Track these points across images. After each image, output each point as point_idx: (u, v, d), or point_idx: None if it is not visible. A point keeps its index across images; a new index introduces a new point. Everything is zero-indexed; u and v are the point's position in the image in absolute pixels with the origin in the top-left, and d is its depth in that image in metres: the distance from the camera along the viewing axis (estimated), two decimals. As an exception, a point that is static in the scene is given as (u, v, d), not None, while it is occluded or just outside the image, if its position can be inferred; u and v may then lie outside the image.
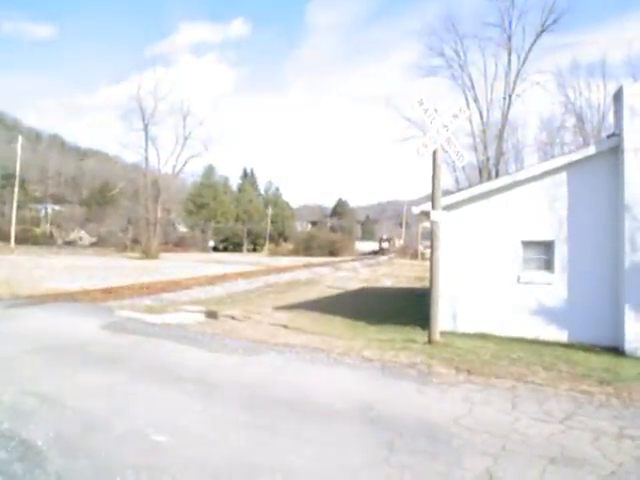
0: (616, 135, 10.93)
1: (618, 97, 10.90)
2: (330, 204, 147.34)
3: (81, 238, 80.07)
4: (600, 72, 43.17)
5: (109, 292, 18.41)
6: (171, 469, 4.53)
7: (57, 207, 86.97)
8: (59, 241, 74.56)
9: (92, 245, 74.09)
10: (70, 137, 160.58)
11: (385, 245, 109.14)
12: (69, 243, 75.17)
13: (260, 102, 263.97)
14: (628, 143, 10.38)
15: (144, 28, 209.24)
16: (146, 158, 59.37)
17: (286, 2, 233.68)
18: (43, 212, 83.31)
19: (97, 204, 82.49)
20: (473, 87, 40.68)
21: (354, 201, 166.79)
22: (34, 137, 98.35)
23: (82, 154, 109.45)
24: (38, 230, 74.98)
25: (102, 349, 9.34)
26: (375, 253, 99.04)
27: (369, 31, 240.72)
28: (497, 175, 34.80)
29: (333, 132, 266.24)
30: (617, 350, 10.32)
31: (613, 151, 10.88)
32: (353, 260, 64.87)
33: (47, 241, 70.01)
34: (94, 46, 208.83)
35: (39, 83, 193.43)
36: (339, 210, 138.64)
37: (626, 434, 5.53)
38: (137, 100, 58.21)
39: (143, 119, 58.30)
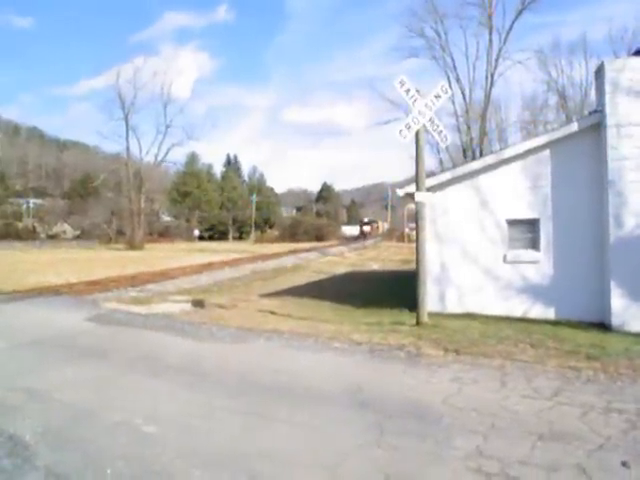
0: (598, 111, 10.93)
1: (600, 73, 10.89)
2: (315, 189, 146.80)
3: (64, 231, 79.33)
4: (581, 50, 43.39)
5: (94, 285, 18.28)
6: (162, 459, 4.50)
7: (39, 201, 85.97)
8: (42, 235, 73.80)
9: (76, 238, 73.42)
10: (49, 129, 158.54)
11: (366, 229, 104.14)
12: (52, 237, 74.46)
13: (243, 88, 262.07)
14: (610, 119, 10.39)
15: (127, 18, 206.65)
16: (127, 148, 58.86)
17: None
18: (25, 206, 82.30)
19: (79, 196, 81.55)
20: (455, 67, 40.72)
21: (339, 185, 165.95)
22: (12, 130, 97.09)
23: (62, 146, 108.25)
24: (20, 224, 74.18)
25: (89, 342, 9.27)
26: (355, 238, 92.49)
27: (350, 15, 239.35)
28: (481, 155, 34.85)
29: (316, 116, 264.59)
30: (604, 325, 10.40)
31: (595, 127, 10.89)
32: (339, 245, 64.83)
33: (30, 235, 69.32)
34: (76, 37, 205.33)
35: (19, 75, 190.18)
36: (324, 195, 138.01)
37: (613, 408, 5.58)
38: (117, 89, 57.67)
39: (123, 108, 57.76)
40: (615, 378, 6.73)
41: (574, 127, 11.27)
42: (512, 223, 11.78)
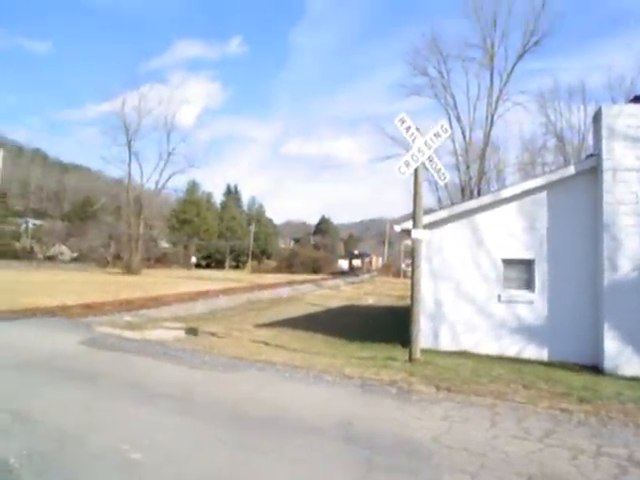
0: (595, 155, 11.11)
1: (597, 118, 11.09)
2: (313, 221, 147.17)
3: (62, 253, 78.99)
4: (580, 95, 43.93)
5: (89, 308, 18.20)
6: (147, 487, 4.46)
7: (38, 222, 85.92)
8: (40, 256, 73.42)
9: (73, 260, 73.03)
10: (53, 152, 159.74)
11: (356, 263, 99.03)
12: (50, 258, 74.06)
13: (247, 119, 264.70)
14: (606, 163, 10.55)
15: (138, 46, 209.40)
16: (129, 173, 59.31)
17: (276, 24, 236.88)
18: (24, 226, 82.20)
19: (79, 219, 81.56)
20: (456, 106, 41.25)
21: (338, 218, 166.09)
22: (16, 151, 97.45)
23: (64, 169, 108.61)
24: (18, 245, 73.90)
25: (79, 365, 9.20)
26: (344, 273, 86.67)
27: (354, 53, 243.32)
28: (479, 194, 35.08)
29: (318, 150, 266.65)
30: (597, 368, 10.39)
31: (592, 171, 11.05)
32: (335, 278, 64.71)
33: (27, 256, 68.83)
34: (87, 63, 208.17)
35: (26, 98, 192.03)
36: (322, 227, 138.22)
37: (603, 452, 5.55)
38: (121, 116, 58.26)
39: (127, 134, 58.30)
40: (606, 422, 6.71)
41: (571, 170, 11.43)
42: (507, 263, 11.84)
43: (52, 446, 5.32)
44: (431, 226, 11.84)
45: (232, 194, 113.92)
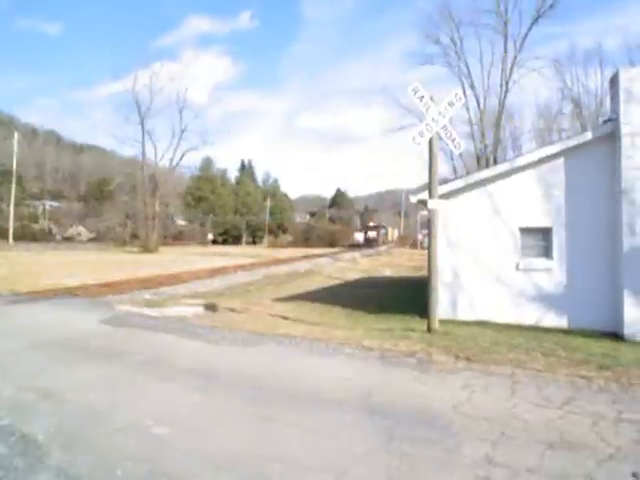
0: (613, 120, 10.90)
1: (614, 82, 10.87)
2: (329, 195, 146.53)
3: (80, 234, 79.67)
4: (597, 58, 43.06)
5: (108, 287, 18.40)
6: (172, 460, 4.54)
7: (55, 203, 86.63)
8: (58, 237, 74.14)
9: (91, 240, 73.62)
10: (66, 133, 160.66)
11: (372, 234, 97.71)
12: (68, 239, 74.73)
13: (259, 94, 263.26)
14: (624, 128, 10.36)
15: (148, 23, 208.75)
16: (143, 152, 59.25)
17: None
18: (41, 208, 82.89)
19: (95, 199, 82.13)
20: (469, 74, 40.69)
21: (353, 191, 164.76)
22: (30, 133, 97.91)
23: (78, 149, 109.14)
24: (36, 226, 74.53)
25: (102, 343, 9.35)
26: (359, 246, 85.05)
27: (366, 23, 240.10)
28: (495, 162, 34.72)
29: (331, 122, 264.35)
30: (616, 335, 10.35)
31: (610, 136, 10.86)
32: (351, 251, 64.68)
33: (45, 237, 69.56)
34: (98, 43, 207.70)
35: (38, 80, 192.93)
36: (338, 200, 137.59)
37: (624, 418, 5.55)
38: (134, 94, 58.12)
39: (139, 113, 58.19)
40: (627, 388, 6.69)
41: (588, 136, 11.24)
42: (525, 231, 11.76)
43: (78, 422, 5.44)
44: (447, 196, 11.77)
45: (246, 170, 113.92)
